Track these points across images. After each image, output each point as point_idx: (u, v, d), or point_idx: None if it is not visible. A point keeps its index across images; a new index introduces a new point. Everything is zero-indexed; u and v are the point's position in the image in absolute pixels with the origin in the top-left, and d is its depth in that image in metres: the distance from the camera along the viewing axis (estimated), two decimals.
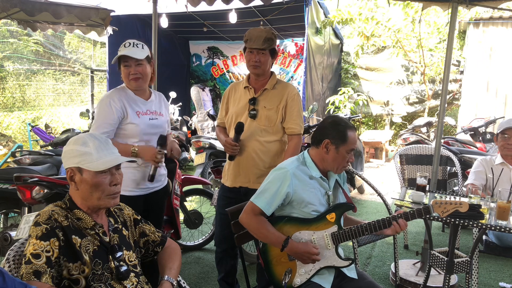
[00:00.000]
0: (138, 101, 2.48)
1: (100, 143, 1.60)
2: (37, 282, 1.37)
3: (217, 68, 10.66)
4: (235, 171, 2.65)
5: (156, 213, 2.68)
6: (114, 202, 1.63)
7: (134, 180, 2.47)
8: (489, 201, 2.64)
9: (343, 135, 1.97)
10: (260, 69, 2.56)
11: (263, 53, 2.53)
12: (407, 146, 4.29)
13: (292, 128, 2.60)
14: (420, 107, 9.99)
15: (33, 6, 4.08)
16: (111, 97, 2.41)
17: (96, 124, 2.39)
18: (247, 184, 2.62)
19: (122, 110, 2.39)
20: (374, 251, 3.98)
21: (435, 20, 8.84)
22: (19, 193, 3.08)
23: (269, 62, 2.59)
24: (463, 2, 3.35)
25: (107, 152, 1.60)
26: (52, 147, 5.69)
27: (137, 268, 1.68)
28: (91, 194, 1.57)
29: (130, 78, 2.42)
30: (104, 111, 2.38)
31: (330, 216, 2.00)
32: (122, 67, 2.43)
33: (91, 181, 1.55)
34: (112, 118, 2.37)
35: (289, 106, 2.58)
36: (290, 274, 1.97)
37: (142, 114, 2.47)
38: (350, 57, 10.62)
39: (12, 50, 9.18)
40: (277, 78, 2.69)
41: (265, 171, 2.55)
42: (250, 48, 2.53)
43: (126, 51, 2.37)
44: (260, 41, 2.49)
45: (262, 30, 2.54)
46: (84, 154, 1.56)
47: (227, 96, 2.76)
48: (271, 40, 2.53)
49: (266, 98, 2.60)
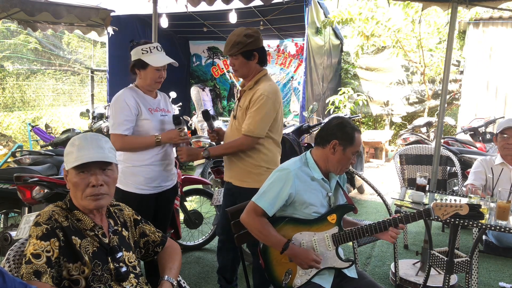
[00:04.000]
0: (148, 99, 2.57)
1: (85, 142, 1.56)
2: (37, 282, 1.37)
3: (217, 68, 10.66)
4: (226, 166, 2.76)
5: (165, 211, 2.74)
6: (95, 204, 1.57)
7: (147, 178, 2.52)
8: (489, 201, 2.64)
9: (351, 137, 1.98)
10: (238, 73, 2.62)
11: (234, 58, 2.56)
12: (407, 146, 4.29)
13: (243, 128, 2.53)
14: (420, 107, 9.98)
15: (33, 6, 4.08)
16: (125, 95, 2.48)
17: (116, 122, 2.44)
18: (231, 180, 2.70)
19: (136, 107, 2.47)
20: (374, 251, 3.98)
21: (435, 20, 8.84)
22: (19, 193, 3.08)
23: (245, 64, 2.56)
24: (463, 2, 3.35)
25: (87, 152, 1.54)
26: (52, 147, 5.70)
27: (137, 269, 1.68)
28: (75, 193, 1.57)
29: (158, 81, 2.54)
30: (121, 109, 2.44)
31: (331, 217, 2.00)
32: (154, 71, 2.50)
33: (71, 180, 1.56)
34: (130, 114, 2.45)
35: (250, 106, 2.53)
36: (290, 275, 1.98)
37: (154, 111, 2.57)
38: (350, 57, 10.61)
39: (11, 50, 9.18)
40: (263, 77, 2.60)
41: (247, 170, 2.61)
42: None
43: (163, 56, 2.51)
44: (227, 47, 2.55)
45: (233, 34, 2.53)
46: (68, 154, 1.57)
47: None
48: (240, 43, 2.49)
49: (243, 98, 2.64)
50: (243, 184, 2.63)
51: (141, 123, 2.50)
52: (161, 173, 2.58)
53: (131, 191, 2.50)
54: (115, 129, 2.44)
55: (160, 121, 2.58)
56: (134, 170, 2.50)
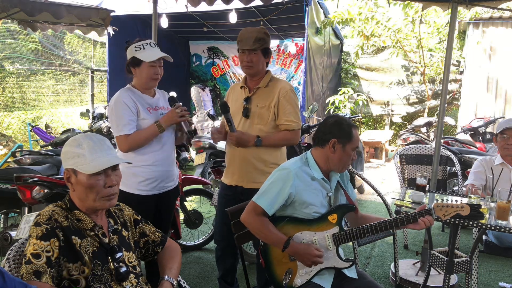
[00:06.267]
0: (146, 98, 2.55)
1: (94, 144, 1.58)
2: (37, 282, 1.37)
3: (217, 68, 10.66)
4: (232, 169, 2.67)
5: (167, 212, 2.71)
6: (109, 204, 1.61)
7: (148, 178, 2.50)
8: (489, 201, 2.64)
9: (349, 134, 1.98)
10: (253, 69, 2.57)
11: (254, 53, 2.53)
12: (407, 146, 4.29)
13: (286, 124, 2.56)
14: (420, 107, 9.99)
15: (33, 6, 4.08)
16: (122, 96, 2.45)
17: (121, 124, 2.41)
18: (241, 183, 2.63)
19: (135, 107, 2.46)
20: (374, 251, 3.98)
21: (435, 20, 8.84)
22: (19, 193, 3.08)
23: (262, 62, 2.58)
24: (463, 2, 3.35)
25: (101, 154, 1.57)
26: (52, 147, 5.70)
27: (137, 269, 1.68)
28: (86, 195, 1.56)
29: (153, 77, 2.50)
30: (122, 111, 2.42)
31: (332, 217, 2.00)
32: (148, 67, 2.46)
33: (85, 183, 1.54)
34: (131, 114, 2.43)
35: (281, 103, 2.56)
36: (290, 275, 1.98)
37: (153, 110, 2.54)
38: (350, 57, 10.62)
39: (11, 50, 9.18)
40: (272, 76, 2.68)
41: (260, 170, 2.59)
42: (242, 49, 2.55)
43: (156, 51, 2.46)
44: (250, 41, 2.50)
45: (253, 30, 2.54)
46: (78, 156, 1.55)
47: (227, 98, 2.80)
48: (262, 40, 2.52)
49: (259, 97, 2.61)
50: (253, 186, 2.56)
51: (140, 123, 2.47)
52: (162, 174, 2.55)
53: (132, 192, 2.48)
54: (121, 130, 2.40)
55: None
56: (135, 170, 2.47)
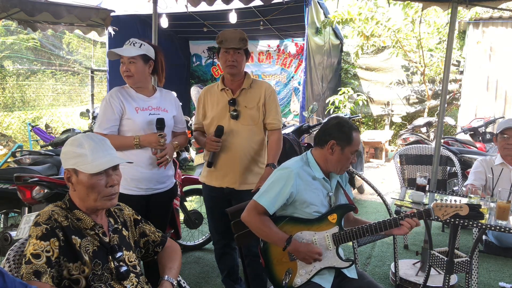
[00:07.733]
0: (138, 98, 2.51)
1: (95, 144, 1.58)
2: (37, 282, 1.37)
3: (217, 68, 10.66)
4: (224, 172, 2.66)
5: (159, 216, 2.60)
6: (111, 203, 1.62)
7: (135, 179, 2.46)
8: (489, 201, 2.64)
9: (349, 137, 1.98)
10: (236, 69, 2.59)
11: (239, 53, 2.56)
12: (407, 146, 4.29)
13: (272, 124, 2.67)
14: (420, 107, 9.99)
15: (33, 6, 4.08)
16: (110, 95, 2.47)
17: (98, 122, 2.46)
18: (234, 185, 2.64)
19: (120, 107, 2.43)
20: (374, 251, 3.98)
21: (435, 20, 8.84)
22: (19, 193, 3.08)
23: (244, 62, 2.63)
24: (463, 2, 3.35)
25: (102, 154, 1.58)
26: (52, 147, 5.70)
27: (137, 268, 1.68)
28: (87, 195, 1.57)
29: (124, 75, 2.47)
30: (104, 109, 2.44)
31: (332, 217, 2.00)
32: (121, 64, 2.48)
33: (87, 183, 1.55)
34: (111, 114, 2.42)
35: (267, 103, 2.65)
36: (290, 274, 1.98)
37: (142, 110, 2.48)
38: (350, 57, 10.62)
39: (12, 50, 9.18)
40: (251, 77, 2.74)
41: (252, 170, 2.63)
42: (226, 48, 2.55)
43: (120, 49, 2.44)
44: (235, 40, 2.53)
45: (236, 31, 2.57)
46: (79, 156, 1.55)
47: (203, 100, 2.75)
48: (245, 40, 2.57)
49: (246, 98, 2.63)
50: (244, 187, 2.62)
51: (124, 122, 2.46)
52: (150, 175, 2.49)
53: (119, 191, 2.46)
54: (98, 127, 2.43)
55: (147, 122, 2.47)
56: (121, 170, 2.45)
